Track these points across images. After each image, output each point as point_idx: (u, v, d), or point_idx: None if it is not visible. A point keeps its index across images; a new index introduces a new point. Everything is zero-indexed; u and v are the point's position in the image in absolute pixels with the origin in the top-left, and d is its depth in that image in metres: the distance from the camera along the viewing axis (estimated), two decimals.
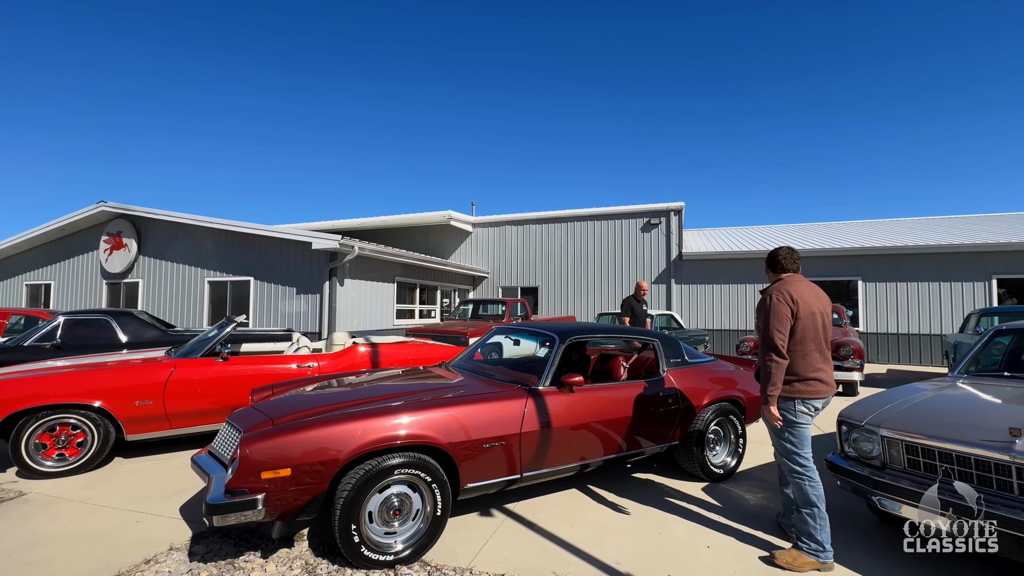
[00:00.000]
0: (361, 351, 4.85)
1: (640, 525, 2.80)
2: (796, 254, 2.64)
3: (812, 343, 2.45)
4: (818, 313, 2.47)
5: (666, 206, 13.06)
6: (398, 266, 11.35)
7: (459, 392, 2.76)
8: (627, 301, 6.33)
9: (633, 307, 6.25)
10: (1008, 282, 10.44)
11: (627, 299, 6.37)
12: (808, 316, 2.43)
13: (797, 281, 2.55)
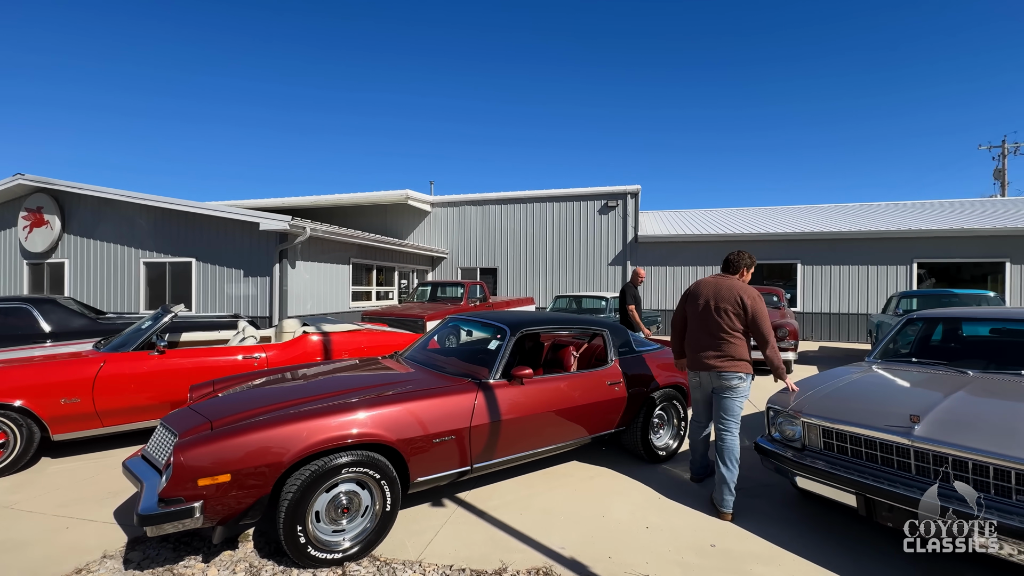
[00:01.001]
0: (312, 340, 4.72)
1: (586, 509, 2.94)
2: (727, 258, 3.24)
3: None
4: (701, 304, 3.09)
5: (623, 189, 13.28)
6: (353, 247, 11.02)
7: (408, 388, 2.75)
8: (628, 288, 6.42)
9: (636, 295, 6.37)
10: (928, 265, 11.39)
11: (627, 286, 6.44)
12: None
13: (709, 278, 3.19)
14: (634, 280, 6.49)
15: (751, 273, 3.23)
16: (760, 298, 2.99)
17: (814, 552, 2.46)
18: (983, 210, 13.47)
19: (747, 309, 2.94)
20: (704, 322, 3.06)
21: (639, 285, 6.49)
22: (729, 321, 2.97)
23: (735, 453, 2.89)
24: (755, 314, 2.93)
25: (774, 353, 2.90)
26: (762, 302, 2.97)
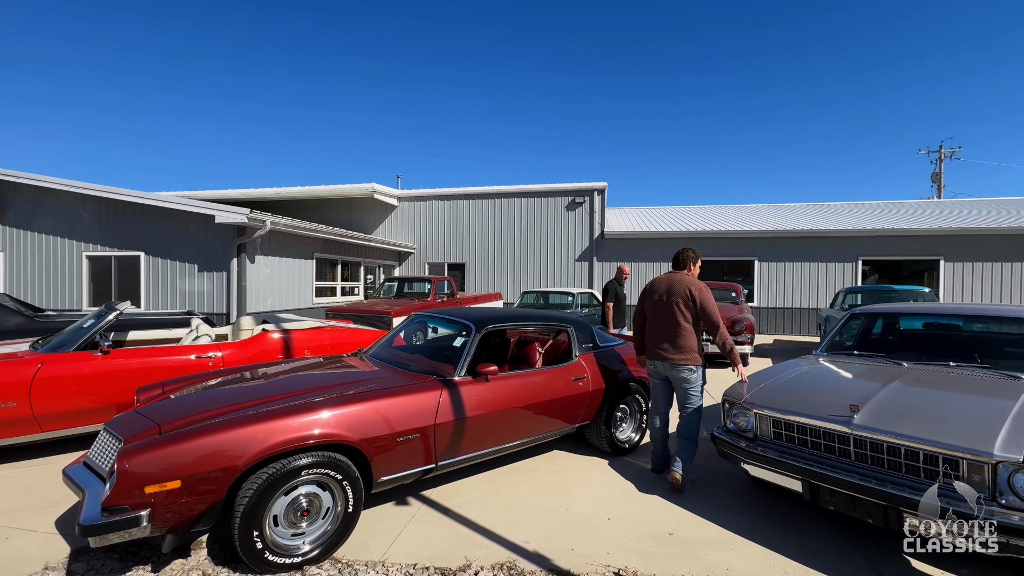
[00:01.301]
0: (272, 338, 4.57)
1: (550, 503, 2.99)
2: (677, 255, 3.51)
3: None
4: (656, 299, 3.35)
5: (590, 185, 13.45)
6: (317, 241, 10.72)
7: (371, 386, 2.71)
8: (611, 286, 6.45)
9: (617, 292, 6.41)
10: (871, 262, 12.10)
11: (610, 283, 6.48)
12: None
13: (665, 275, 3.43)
14: (618, 277, 6.55)
15: (698, 267, 3.51)
16: (707, 289, 3.27)
17: (764, 536, 2.59)
18: (921, 211, 14.41)
19: (695, 300, 3.20)
20: (659, 316, 3.33)
21: (623, 282, 6.56)
22: (681, 313, 3.23)
23: (693, 428, 3.23)
24: (703, 303, 3.20)
25: (724, 337, 3.20)
26: (709, 293, 3.26)
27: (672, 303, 3.26)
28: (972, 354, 3.18)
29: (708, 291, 3.25)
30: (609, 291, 6.32)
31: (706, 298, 3.21)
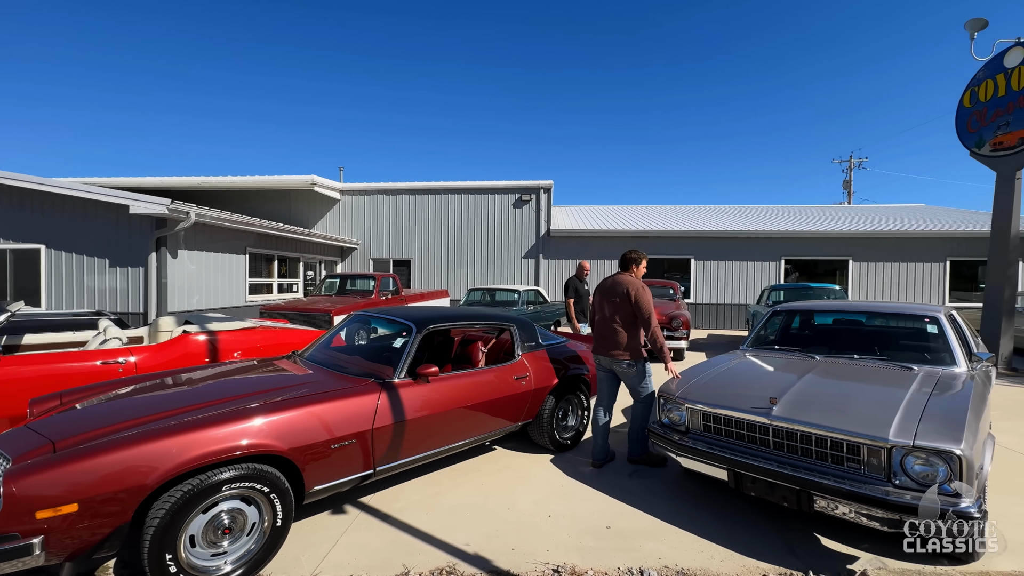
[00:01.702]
0: (195, 340, 4.24)
1: (492, 503, 2.98)
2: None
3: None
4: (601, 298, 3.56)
5: (536, 183, 13.58)
6: (250, 235, 10.07)
7: (303, 391, 2.57)
8: (571, 282, 6.42)
9: (577, 287, 6.40)
10: (792, 261, 13.11)
11: (571, 279, 6.44)
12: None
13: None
14: (579, 273, 6.54)
15: (643, 267, 3.63)
16: (644, 289, 3.41)
17: (695, 524, 2.72)
18: (834, 215, 15.79)
19: (631, 297, 3.37)
20: (603, 314, 3.53)
21: (584, 279, 6.54)
22: (620, 312, 3.41)
23: (639, 416, 3.45)
24: (637, 301, 3.36)
25: (653, 336, 3.35)
26: (646, 292, 3.39)
27: (613, 302, 3.46)
28: (873, 347, 3.52)
29: (645, 291, 3.39)
30: (570, 287, 6.39)
31: (641, 297, 3.36)
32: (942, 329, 3.31)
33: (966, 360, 3.09)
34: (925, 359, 3.24)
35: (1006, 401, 5.39)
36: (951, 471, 2.07)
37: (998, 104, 7.28)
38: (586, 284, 6.53)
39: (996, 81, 7.32)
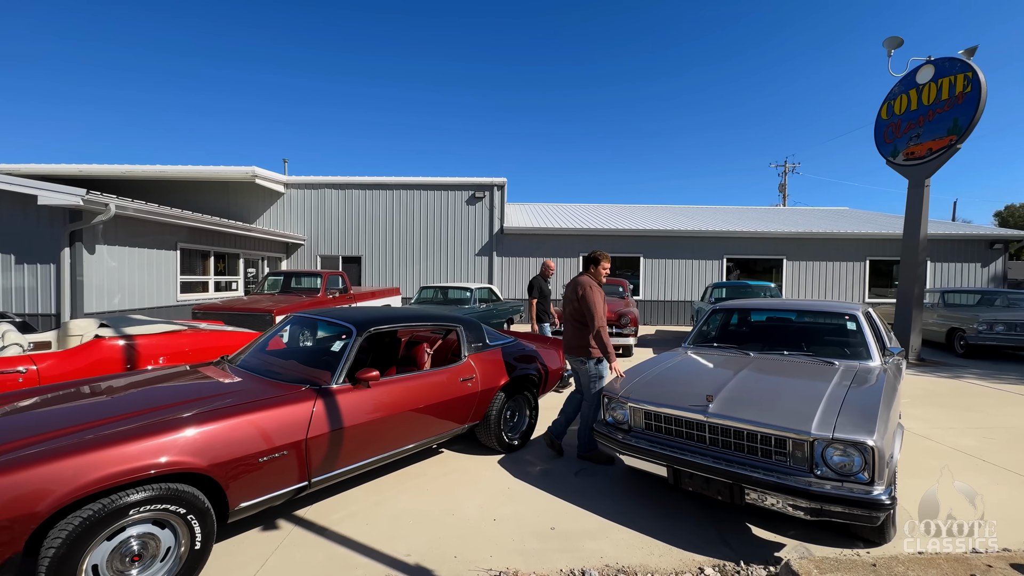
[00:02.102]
0: (110, 345, 3.88)
1: (437, 509, 2.91)
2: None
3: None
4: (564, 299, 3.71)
5: (490, 181, 13.52)
6: (182, 229, 9.39)
7: (227, 402, 2.39)
8: (535, 281, 6.31)
9: (541, 287, 6.29)
10: (734, 260, 13.81)
11: (535, 279, 6.34)
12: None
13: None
14: (544, 272, 6.48)
15: (602, 266, 3.68)
16: (592, 287, 3.50)
17: (637, 520, 2.78)
18: (771, 217, 16.76)
19: (579, 297, 3.50)
20: (565, 314, 3.74)
21: (549, 278, 6.45)
22: (574, 310, 3.58)
23: (587, 416, 3.55)
24: (583, 300, 3.48)
25: (597, 337, 3.46)
26: (593, 291, 3.48)
27: (571, 302, 3.63)
28: (801, 343, 3.73)
29: (593, 290, 3.48)
30: (534, 287, 6.34)
31: (588, 297, 3.46)
32: (859, 326, 3.56)
33: (880, 354, 3.34)
34: (845, 354, 3.47)
35: (915, 390, 5.91)
36: (865, 461, 2.21)
37: (911, 117, 7.96)
38: (550, 284, 6.52)
39: (909, 96, 8.00)
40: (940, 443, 4.02)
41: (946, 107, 7.34)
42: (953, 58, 7.35)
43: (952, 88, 7.27)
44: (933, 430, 4.35)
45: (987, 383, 6.36)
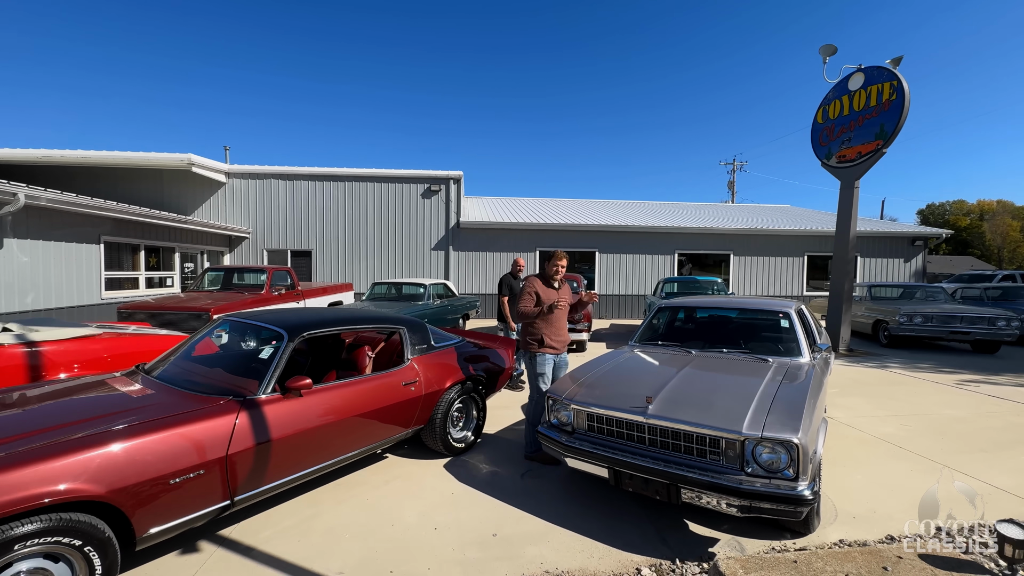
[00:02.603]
0: (9, 353, 3.48)
1: (376, 520, 2.81)
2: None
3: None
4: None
5: (446, 174, 13.29)
6: (106, 221, 8.65)
7: (132, 419, 2.18)
8: (505, 279, 6.09)
9: (511, 285, 6.07)
10: (686, 255, 14.26)
11: (505, 276, 6.09)
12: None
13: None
14: (513, 270, 6.29)
15: (553, 263, 3.69)
16: (527, 280, 3.69)
17: (579, 522, 2.78)
18: (719, 213, 17.45)
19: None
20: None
21: (519, 275, 6.23)
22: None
23: (531, 415, 3.58)
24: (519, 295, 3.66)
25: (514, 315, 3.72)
26: (526, 287, 3.64)
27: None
28: (739, 341, 3.87)
29: (526, 282, 3.68)
30: (504, 284, 6.20)
31: (523, 288, 3.67)
32: (792, 324, 3.72)
33: (809, 351, 3.51)
34: (779, 350, 3.62)
35: (843, 379, 6.31)
36: (791, 458, 2.30)
37: (843, 122, 8.43)
38: (521, 281, 6.14)
39: (842, 101, 8.46)
40: (863, 431, 4.29)
41: (874, 113, 7.82)
42: (881, 67, 7.82)
43: (880, 95, 7.74)
44: (858, 418, 4.64)
45: (907, 372, 6.88)
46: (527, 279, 3.71)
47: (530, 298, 3.59)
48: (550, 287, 3.72)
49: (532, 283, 3.67)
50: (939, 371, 6.91)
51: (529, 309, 3.56)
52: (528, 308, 3.57)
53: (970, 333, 8.19)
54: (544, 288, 3.67)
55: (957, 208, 52.61)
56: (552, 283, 3.73)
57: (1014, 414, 4.80)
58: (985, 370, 7.03)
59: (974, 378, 6.47)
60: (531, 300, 3.59)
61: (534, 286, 3.64)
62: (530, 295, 3.60)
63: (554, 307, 3.52)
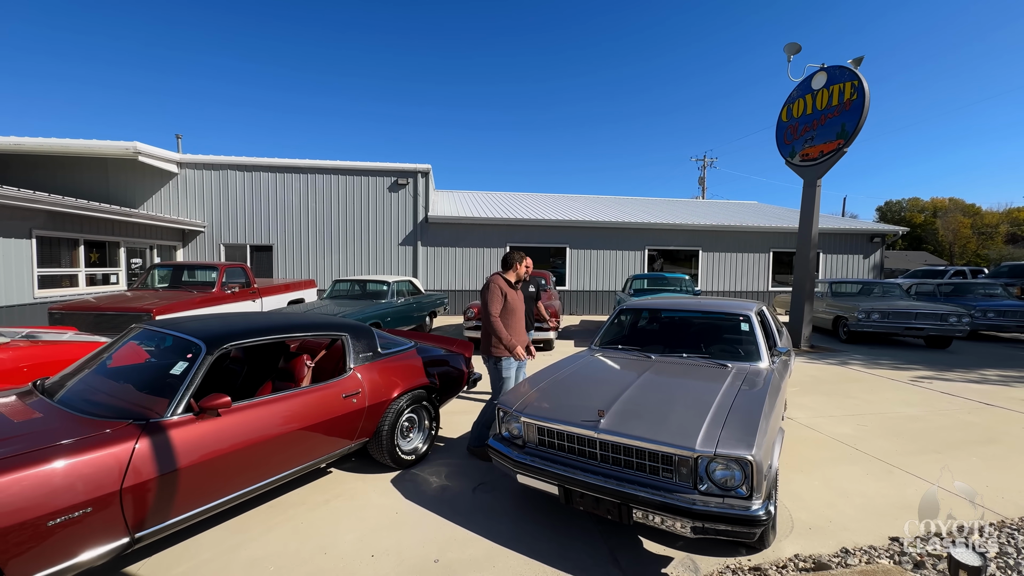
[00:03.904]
0: None
1: (308, 547, 2.57)
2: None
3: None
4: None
5: (414, 167, 12.91)
6: (38, 214, 8.01)
7: (3, 451, 1.88)
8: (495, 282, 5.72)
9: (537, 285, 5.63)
10: (656, 251, 14.32)
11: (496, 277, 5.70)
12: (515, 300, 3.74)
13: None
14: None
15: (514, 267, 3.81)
16: (489, 287, 3.65)
17: (530, 544, 2.61)
18: (689, 210, 17.61)
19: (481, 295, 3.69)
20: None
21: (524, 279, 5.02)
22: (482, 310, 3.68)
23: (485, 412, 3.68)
24: (481, 296, 3.68)
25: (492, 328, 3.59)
26: (489, 291, 3.63)
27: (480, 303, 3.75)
28: (699, 344, 3.76)
29: (488, 287, 3.65)
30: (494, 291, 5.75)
31: (483, 295, 3.66)
32: (752, 327, 3.64)
33: (768, 355, 3.42)
34: (739, 354, 3.53)
35: (804, 377, 6.37)
36: (745, 475, 2.18)
37: (807, 121, 8.51)
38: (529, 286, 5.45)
39: (806, 100, 8.53)
40: (820, 432, 4.28)
41: (836, 112, 7.91)
42: (843, 67, 7.91)
43: (841, 95, 7.83)
44: (816, 419, 4.64)
45: (865, 369, 7.01)
46: (493, 277, 3.73)
47: (500, 298, 3.64)
48: (513, 288, 3.80)
49: (498, 282, 3.70)
50: (896, 368, 7.08)
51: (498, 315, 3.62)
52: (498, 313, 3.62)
53: (923, 329, 8.44)
54: (509, 289, 3.75)
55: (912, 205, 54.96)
56: (515, 285, 3.84)
57: (965, 412, 4.90)
58: (938, 365, 7.24)
59: (928, 374, 6.64)
60: (501, 300, 3.65)
61: (500, 285, 3.69)
62: (499, 295, 3.65)
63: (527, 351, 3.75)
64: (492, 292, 3.62)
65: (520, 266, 3.82)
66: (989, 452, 3.86)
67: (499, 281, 3.70)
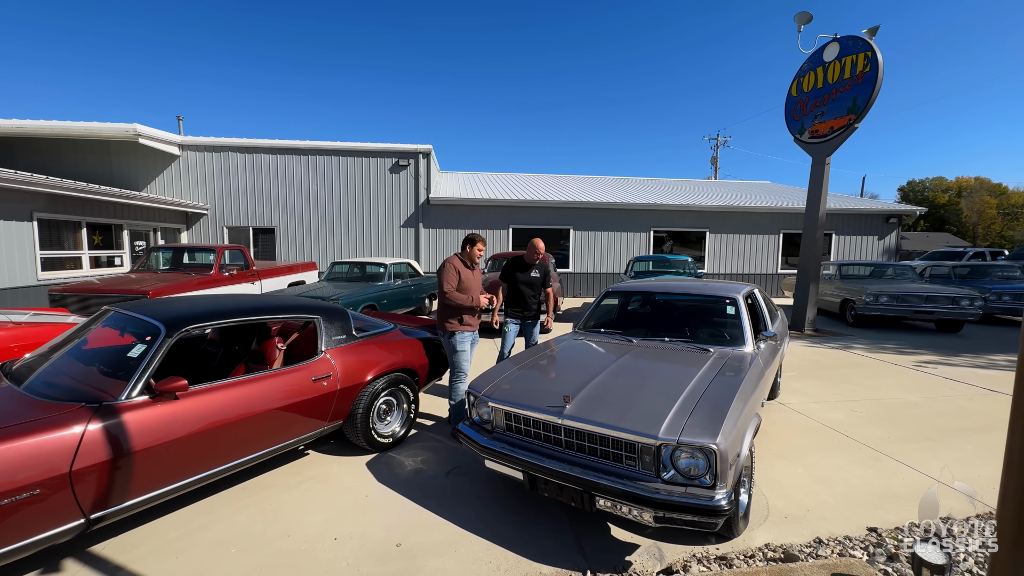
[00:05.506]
0: None
1: (272, 529, 2.57)
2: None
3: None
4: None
5: (415, 148, 12.74)
6: (39, 197, 8.06)
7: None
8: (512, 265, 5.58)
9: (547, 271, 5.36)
10: (662, 232, 14.03)
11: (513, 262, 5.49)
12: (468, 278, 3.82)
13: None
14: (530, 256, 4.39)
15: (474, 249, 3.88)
16: (444, 267, 3.76)
17: (496, 529, 2.57)
18: (696, 190, 17.18)
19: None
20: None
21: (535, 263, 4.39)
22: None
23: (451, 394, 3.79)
24: (437, 276, 3.79)
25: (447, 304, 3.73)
26: (444, 270, 3.74)
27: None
28: (684, 328, 3.65)
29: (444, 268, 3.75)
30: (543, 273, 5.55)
31: (439, 276, 3.77)
32: (738, 311, 3.50)
33: (753, 340, 3.30)
34: (723, 338, 3.41)
35: (803, 361, 6.21)
36: (709, 463, 2.10)
37: (817, 95, 8.13)
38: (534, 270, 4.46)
39: (817, 73, 8.14)
40: (811, 418, 4.16)
41: (848, 86, 7.54)
42: (856, 37, 7.50)
43: (854, 67, 7.44)
44: (809, 404, 4.52)
45: (868, 353, 6.82)
46: (449, 258, 3.82)
47: (455, 276, 3.75)
48: (468, 268, 3.88)
49: (453, 262, 3.81)
50: (900, 352, 6.87)
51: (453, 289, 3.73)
52: (452, 288, 3.73)
53: (934, 313, 8.17)
54: (464, 269, 3.83)
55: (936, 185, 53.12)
56: (471, 265, 3.92)
57: (966, 398, 4.73)
58: (945, 350, 7.01)
59: (933, 359, 6.43)
60: (455, 278, 3.75)
61: (456, 265, 3.80)
62: (453, 273, 3.76)
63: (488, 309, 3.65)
64: (447, 271, 3.75)
65: (473, 248, 3.88)
66: (985, 440, 3.71)
67: (454, 261, 3.82)
